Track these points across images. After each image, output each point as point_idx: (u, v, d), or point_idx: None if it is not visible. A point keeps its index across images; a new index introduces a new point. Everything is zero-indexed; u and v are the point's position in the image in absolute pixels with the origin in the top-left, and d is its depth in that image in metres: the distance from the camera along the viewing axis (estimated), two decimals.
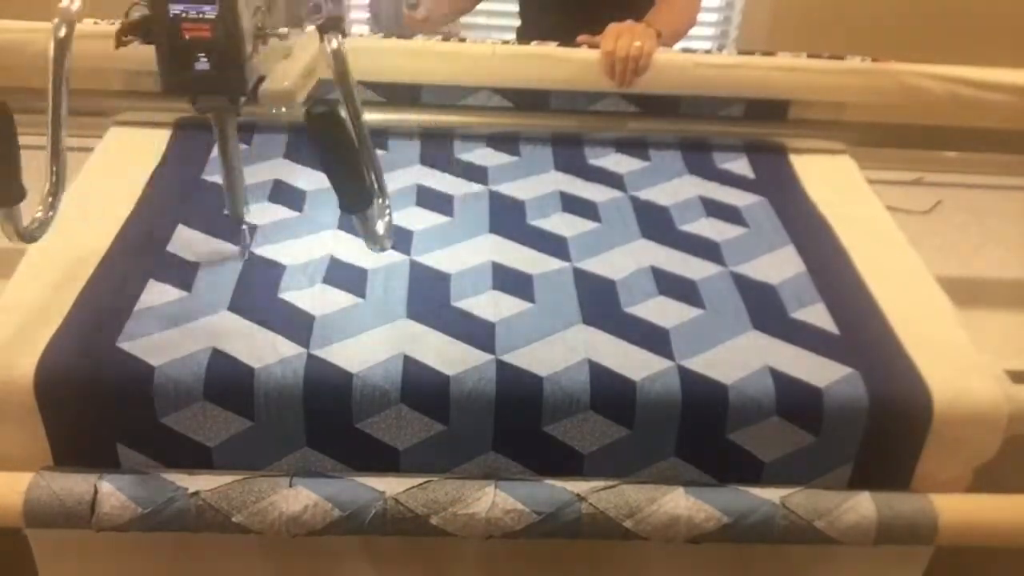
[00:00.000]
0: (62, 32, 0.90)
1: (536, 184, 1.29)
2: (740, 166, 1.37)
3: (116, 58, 1.34)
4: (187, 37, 0.84)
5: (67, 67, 0.91)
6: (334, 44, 0.91)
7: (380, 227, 0.92)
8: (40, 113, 1.42)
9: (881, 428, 0.96)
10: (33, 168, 1.47)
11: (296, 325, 0.99)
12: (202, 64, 0.85)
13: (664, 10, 1.49)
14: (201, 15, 0.84)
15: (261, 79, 0.89)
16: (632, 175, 1.33)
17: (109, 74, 1.38)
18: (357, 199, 0.86)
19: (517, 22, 1.89)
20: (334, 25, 0.90)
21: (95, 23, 1.34)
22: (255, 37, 0.88)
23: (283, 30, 0.90)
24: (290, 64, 0.88)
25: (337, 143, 0.82)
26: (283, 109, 0.87)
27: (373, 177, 0.95)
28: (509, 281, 1.09)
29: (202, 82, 0.86)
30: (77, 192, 1.20)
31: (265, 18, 0.89)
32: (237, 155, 1.00)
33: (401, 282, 1.07)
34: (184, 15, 0.84)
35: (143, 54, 1.31)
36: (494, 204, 1.24)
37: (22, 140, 1.02)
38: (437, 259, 1.12)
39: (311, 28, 0.90)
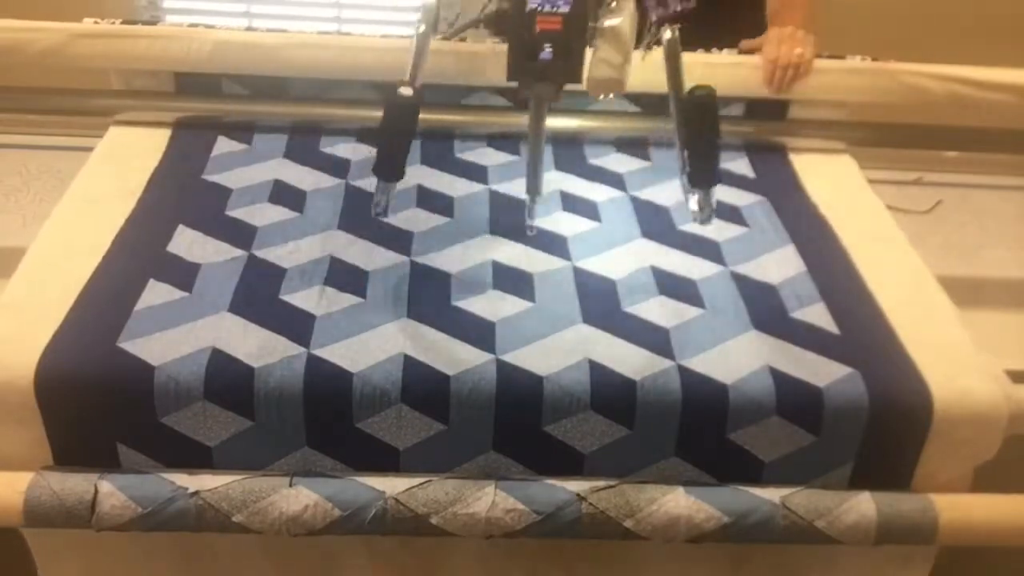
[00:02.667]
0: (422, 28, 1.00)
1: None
2: (740, 166, 1.37)
3: (116, 58, 1.36)
4: (538, 29, 0.91)
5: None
6: (668, 35, 0.97)
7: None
8: (40, 113, 1.43)
9: (881, 428, 0.96)
10: (34, 168, 1.48)
11: (296, 325, 0.99)
12: (546, 54, 0.92)
13: (795, 7, 1.48)
14: (555, 9, 0.91)
15: None
16: (632, 175, 1.33)
17: (109, 74, 1.39)
18: (712, 176, 0.97)
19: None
20: (673, 17, 0.97)
21: (95, 23, 1.34)
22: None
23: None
24: (611, 51, 0.94)
25: (711, 124, 0.94)
26: (610, 96, 0.96)
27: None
28: (509, 281, 1.09)
29: (544, 70, 0.93)
30: (77, 192, 1.20)
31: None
32: (543, 137, 1.07)
33: (401, 282, 1.07)
34: (540, 9, 0.91)
35: (143, 54, 1.33)
36: (494, 204, 1.24)
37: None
38: (437, 259, 1.12)
39: (614, 18, 0.95)
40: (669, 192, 1.30)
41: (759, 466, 0.98)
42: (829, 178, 1.34)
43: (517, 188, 1.27)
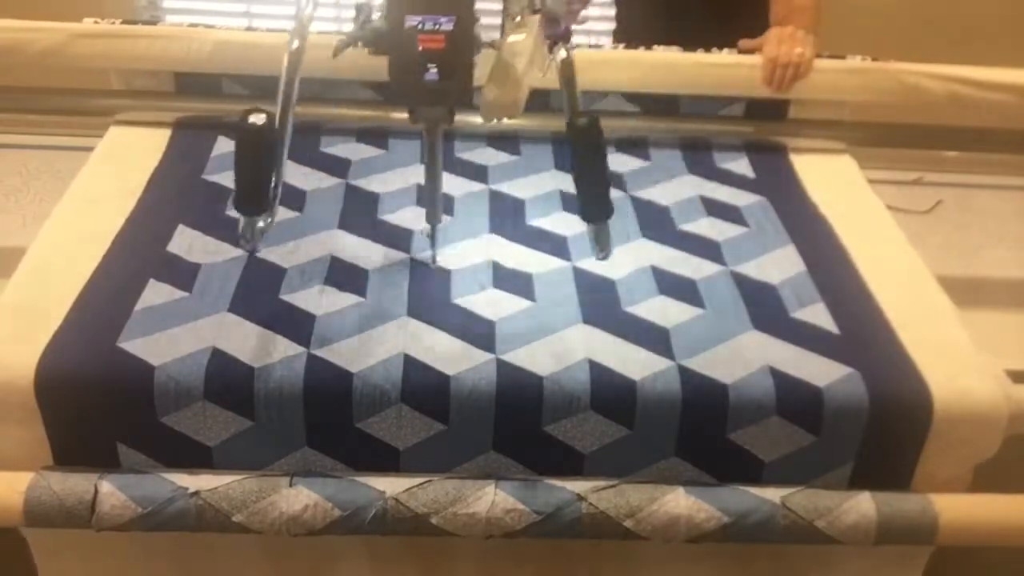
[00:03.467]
0: (295, 44, 0.94)
1: (536, 183, 1.29)
2: (740, 166, 1.37)
3: (116, 58, 1.36)
4: (421, 48, 0.86)
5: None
6: (563, 54, 0.92)
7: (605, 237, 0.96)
8: (40, 113, 1.43)
9: (881, 428, 0.96)
10: (34, 168, 1.48)
11: (296, 325, 0.99)
12: (431, 75, 0.86)
13: (799, 8, 1.48)
14: (438, 27, 0.85)
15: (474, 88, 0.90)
16: (632, 175, 1.33)
17: (109, 74, 1.39)
18: (606, 208, 0.91)
19: None
20: (564, 36, 0.91)
21: (95, 23, 1.34)
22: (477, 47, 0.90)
23: (490, 38, 0.91)
24: (506, 71, 0.88)
25: (598, 154, 0.87)
26: (504, 120, 0.89)
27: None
28: (509, 280, 1.09)
29: (430, 93, 0.88)
30: (77, 192, 1.20)
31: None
32: (440, 163, 1.03)
33: (401, 281, 1.07)
34: (421, 27, 0.85)
35: (143, 54, 1.33)
36: (494, 203, 1.24)
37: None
38: (437, 258, 1.11)
39: (518, 35, 0.89)
40: (669, 192, 1.30)
41: (759, 466, 0.98)
42: (829, 178, 1.34)
43: (517, 188, 1.28)
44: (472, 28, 0.87)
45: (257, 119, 0.85)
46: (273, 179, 0.91)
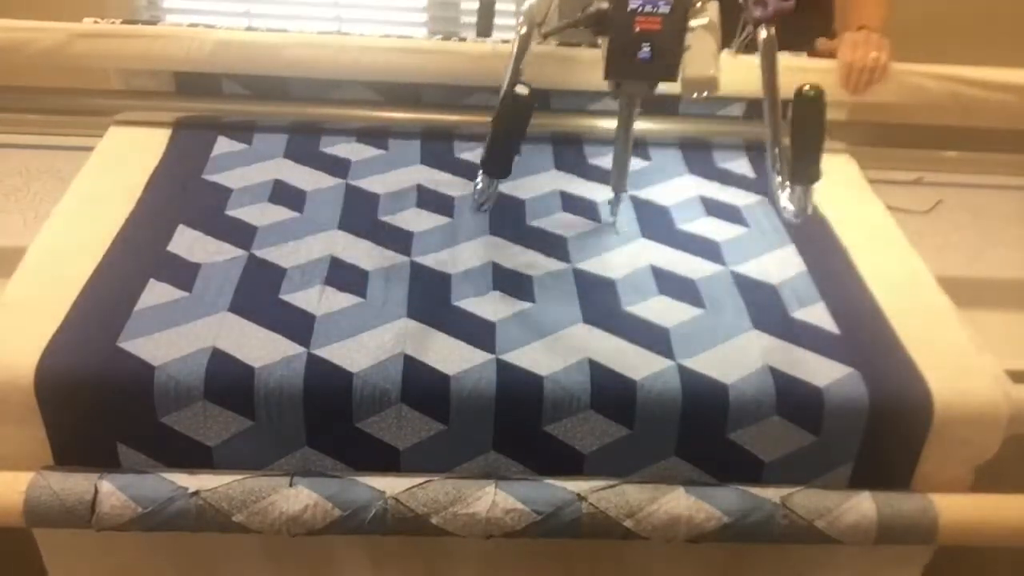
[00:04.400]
0: (523, 30, 1.01)
1: (536, 184, 1.29)
2: (740, 166, 1.37)
3: (116, 58, 1.36)
4: (638, 29, 0.94)
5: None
6: (764, 34, 0.99)
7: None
8: (40, 113, 1.43)
9: (881, 428, 0.96)
10: (34, 168, 1.48)
11: (296, 325, 0.99)
12: (644, 53, 0.95)
13: (869, 8, 1.49)
14: (655, 10, 0.94)
15: None
16: (632, 175, 1.33)
17: (109, 74, 1.39)
18: (815, 173, 0.97)
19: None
20: (770, 18, 0.99)
21: (95, 23, 1.34)
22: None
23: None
24: (705, 50, 0.97)
25: (819, 122, 0.94)
26: (704, 95, 0.98)
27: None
28: (509, 281, 1.09)
29: (641, 69, 0.96)
30: (77, 192, 1.20)
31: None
32: (631, 133, 1.12)
33: (401, 282, 1.07)
34: (640, 10, 0.94)
35: (143, 54, 1.33)
36: (495, 204, 1.24)
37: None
38: (437, 259, 1.12)
39: (701, 18, 0.98)
40: (669, 192, 1.30)
41: (759, 466, 0.98)
42: (829, 178, 1.34)
43: (517, 188, 1.27)
44: (686, 13, 0.95)
45: (523, 89, 0.93)
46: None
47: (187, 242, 1.11)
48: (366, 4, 2.39)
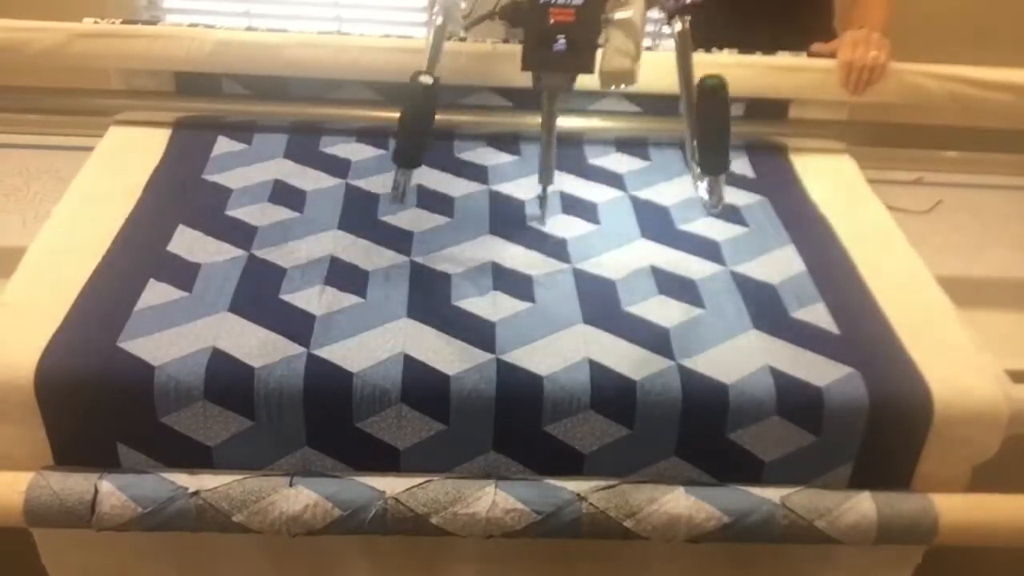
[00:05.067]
0: (439, 20, 1.03)
1: (536, 184, 1.29)
2: (740, 166, 1.37)
3: (116, 58, 1.36)
4: (552, 21, 0.95)
5: None
6: (678, 26, 1.00)
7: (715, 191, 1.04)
8: (40, 113, 1.43)
9: (881, 428, 0.96)
10: (34, 168, 1.48)
11: (296, 325, 0.99)
12: (559, 45, 0.96)
13: (869, 6, 1.50)
14: (569, 2, 0.95)
15: None
16: (632, 175, 1.33)
17: (109, 74, 1.39)
18: (724, 162, 1.00)
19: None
20: (684, 9, 1.00)
21: (95, 23, 1.34)
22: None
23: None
24: (623, 43, 0.97)
25: (724, 112, 0.97)
26: (622, 87, 0.99)
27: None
28: (509, 281, 1.09)
29: (558, 61, 0.97)
30: (77, 192, 1.20)
31: None
32: (555, 128, 1.13)
33: (401, 282, 1.07)
34: (554, 2, 0.95)
35: (143, 54, 1.33)
36: (494, 204, 1.24)
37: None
38: (437, 259, 1.12)
39: (625, 10, 0.98)
40: (669, 192, 1.30)
41: (759, 466, 0.98)
42: (829, 178, 1.34)
43: (517, 188, 1.28)
44: (601, 5, 0.95)
45: (426, 79, 0.96)
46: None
47: (187, 242, 1.11)
48: (366, 4, 2.38)
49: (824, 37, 1.46)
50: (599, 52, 0.97)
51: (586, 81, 1.01)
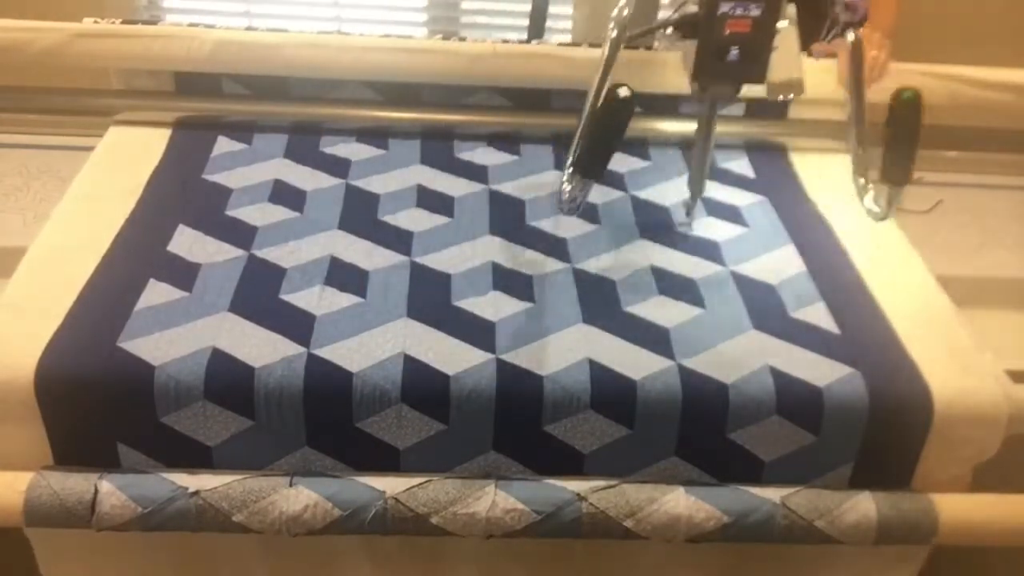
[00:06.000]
0: (614, 34, 1.02)
1: (536, 184, 1.29)
2: (740, 166, 1.37)
3: (116, 58, 1.36)
4: (728, 32, 0.95)
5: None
6: (851, 36, 1.01)
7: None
8: (40, 113, 1.43)
9: (881, 428, 0.96)
10: (33, 167, 1.48)
11: (296, 325, 0.99)
12: (733, 56, 0.96)
13: (876, 9, 1.48)
14: (746, 12, 0.94)
15: None
16: (632, 175, 1.33)
17: (109, 74, 1.39)
18: (906, 175, 0.98)
19: (518, 21, 1.89)
20: (860, 22, 1.04)
21: (95, 23, 1.34)
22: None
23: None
24: (789, 51, 0.98)
25: (916, 124, 0.96)
26: (790, 97, 1.00)
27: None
28: (509, 281, 1.09)
29: (731, 72, 0.97)
30: (77, 192, 1.20)
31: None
32: (713, 137, 1.13)
33: (401, 282, 1.07)
34: (731, 13, 0.95)
35: (143, 54, 1.33)
36: (494, 204, 1.24)
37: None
38: (437, 259, 1.12)
39: (787, 19, 0.99)
40: (669, 192, 1.30)
41: (759, 466, 0.98)
42: (829, 178, 1.34)
43: (517, 188, 1.28)
44: (776, 16, 0.95)
45: (625, 91, 0.92)
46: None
47: (187, 242, 1.11)
48: (366, 4, 2.39)
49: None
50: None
51: (583, 80, 1.01)
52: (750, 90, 1.02)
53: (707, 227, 1.22)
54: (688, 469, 0.98)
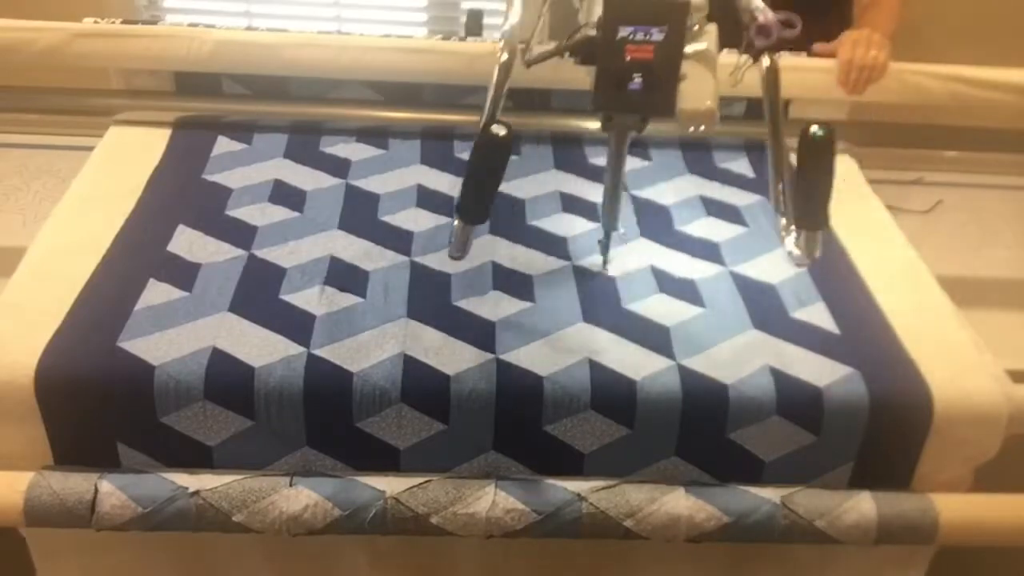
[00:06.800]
0: (504, 57, 0.94)
1: (536, 184, 1.29)
2: (740, 166, 1.37)
3: (116, 58, 1.36)
4: (628, 58, 0.85)
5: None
6: (767, 62, 0.93)
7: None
8: (40, 113, 1.43)
9: (881, 428, 0.96)
10: (34, 168, 1.48)
11: (296, 325, 0.99)
12: (635, 84, 0.86)
13: (878, 12, 1.49)
14: (648, 37, 0.85)
15: None
16: (632, 174, 1.33)
17: (109, 74, 1.39)
18: (823, 218, 0.90)
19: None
20: (775, 47, 0.91)
21: (95, 23, 1.34)
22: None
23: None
24: (700, 80, 0.88)
25: (828, 165, 0.88)
26: (701, 128, 0.88)
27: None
28: (509, 281, 1.09)
29: (634, 102, 0.87)
30: (77, 192, 1.20)
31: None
32: (623, 170, 1.04)
33: (401, 282, 1.07)
34: (631, 37, 0.85)
35: (143, 54, 1.33)
36: (494, 204, 1.24)
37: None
38: (437, 260, 1.12)
39: (699, 43, 0.89)
40: (669, 192, 1.30)
41: (759, 466, 0.98)
42: None
43: (517, 188, 1.27)
44: (682, 41, 0.86)
45: (500, 130, 0.85)
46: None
47: (187, 242, 1.11)
48: (366, 4, 2.39)
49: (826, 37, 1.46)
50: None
51: (583, 80, 1.00)
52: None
53: (707, 227, 1.22)
54: (688, 469, 0.98)
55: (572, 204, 1.25)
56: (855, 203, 1.30)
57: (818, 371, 0.98)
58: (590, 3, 0.91)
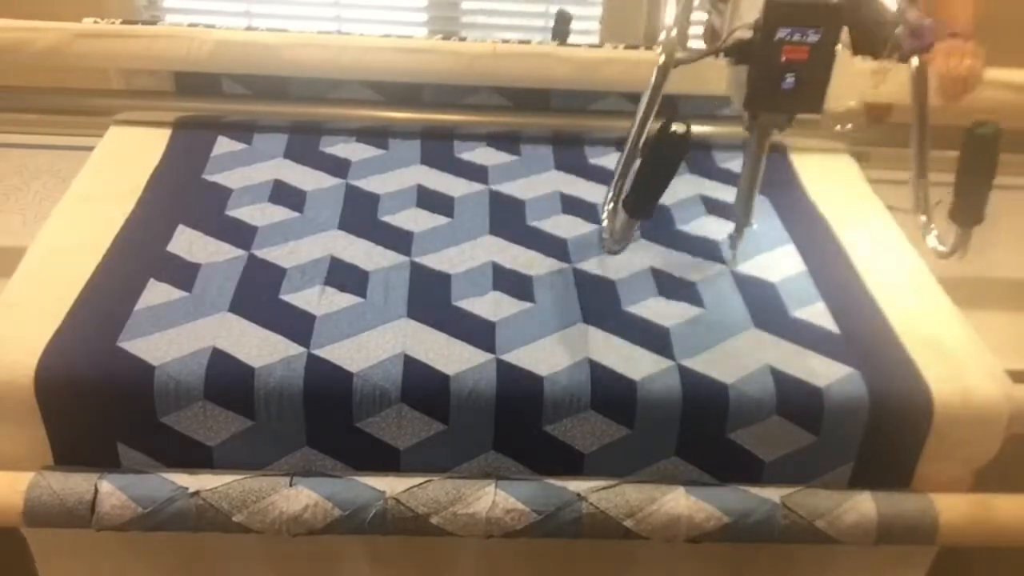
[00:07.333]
0: (662, 59, 0.97)
1: (536, 184, 1.29)
2: (740, 165, 1.36)
3: (116, 58, 1.36)
4: (784, 59, 0.89)
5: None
6: (915, 62, 0.96)
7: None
8: (40, 113, 1.43)
9: (881, 427, 0.96)
10: (34, 168, 1.48)
11: (296, 325, 0.99)
12: (788, 83, 0.90)
13: (955, 8, 1.46)
14: (803, 39, 0.89)
15: None
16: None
17: (109, 74, 1.39)
18: (979, 215, 0.93)
19: (518, 21, 1.89)
20: (926, 49, 0.95)
21: (95, 23, 1.34)
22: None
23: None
24: (845, 79, 0.92)
25: (992, 162, 0.91)
26: (848, 126, 0.92)
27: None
28: (509, 281, 1.09)
29: (785, 101, 0.92)
30: (77, 192, 1.20)
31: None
32: (762, 168, 1.06)
33: (401, 282, 1.07)
34: (788, 39, 0.89)
35: (143, 54, 1.33)
36: (494, 204, 1.24)
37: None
38: (437, 260, 1.12)
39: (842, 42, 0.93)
40: (669, 192, 1.29)
41: (759, 466, 0.98)
42: (829, 178, 1.34)
43: (517, 188, 1.28)
44: (835, 43, 0.90)
45: (680, 127, 0.87)
46: None
47: (187, 242, 1.11)
48: (366, 4, 2.39)
49: None
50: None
51: (583, 81, 1.00)
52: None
53: (707, 227, 1.22)
54: (688, 469, 0.98)
55: (572, 204, 1.25)
56: (855, 203, 1.30)
57: (818, 371, 0.98)
58: (735, 7, 0.94)
